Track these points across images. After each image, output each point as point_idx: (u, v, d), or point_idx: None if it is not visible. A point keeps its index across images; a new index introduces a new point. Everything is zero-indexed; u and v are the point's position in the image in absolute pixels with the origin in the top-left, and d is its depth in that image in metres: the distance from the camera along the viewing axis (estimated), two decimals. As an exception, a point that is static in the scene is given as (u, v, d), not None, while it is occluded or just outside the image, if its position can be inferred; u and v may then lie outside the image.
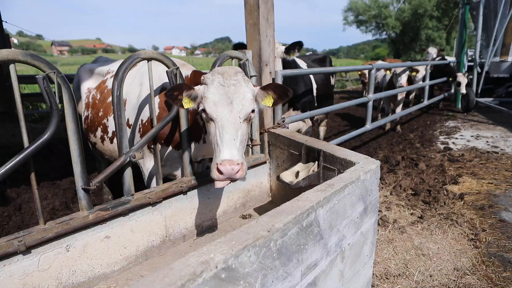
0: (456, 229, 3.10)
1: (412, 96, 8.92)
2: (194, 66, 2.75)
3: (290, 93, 2.02)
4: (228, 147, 1.79)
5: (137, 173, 2.69)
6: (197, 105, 1.99)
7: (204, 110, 1.92)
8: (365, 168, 1.97)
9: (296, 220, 1.38)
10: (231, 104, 1.87)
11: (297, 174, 2.48)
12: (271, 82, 3.19)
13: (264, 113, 3.11)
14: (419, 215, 3.37)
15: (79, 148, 1.88)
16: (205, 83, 1.95)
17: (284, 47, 3.77)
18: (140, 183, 2.84)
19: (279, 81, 3.23)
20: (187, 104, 1.98)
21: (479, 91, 9.82)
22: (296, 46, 3.71)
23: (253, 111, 1.96)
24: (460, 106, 9.82)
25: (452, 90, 10.04)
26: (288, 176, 2.48)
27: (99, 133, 3.05)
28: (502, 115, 8.54)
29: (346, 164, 2.18)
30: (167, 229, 2.43)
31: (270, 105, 2.08)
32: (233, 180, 1.81)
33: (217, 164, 1.76)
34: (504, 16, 9.14)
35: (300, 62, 4.66)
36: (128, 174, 2.14)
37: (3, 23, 8.47)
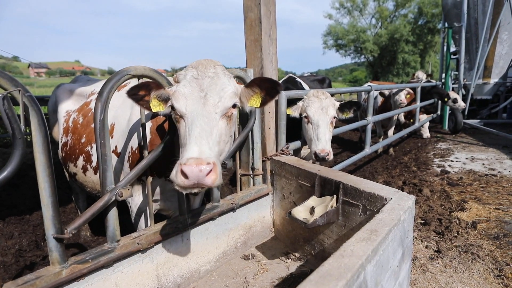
0: (480, 264, 2.81)
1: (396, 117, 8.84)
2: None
3: (279, 88, 1.70)
4: (197, 142, 1.40)
5: (122, 205, 2.29)
6: (168, 109, 1.66)
7: (172, 107, 1.58)
8: (402, 206, 1.66)
9: (348, 286, 1.03)
10: (204, 97, 1.54)
11: (311, 209, 2.14)
12: (274, 104, 2.89)
13: (267, 139, 2.79)
14: (435, 248, 3.07)
15: (51, 186, 1.49)
16: (178, 81, 1.64)
17: (338, 103, 3.32)
18: (126, 215, 2.43)
19: (283, 103, 2.92)
20: (156, 107, 1.65)
21: (465, 112, 9.90)
22: (353, 107, 3.31)
23: (234, 106, 1.64)
24: (447, 127, 9.82)
25: (439, 112, 10.09)
26: (301, 212, 2.13)
27: (80, 162, 2.63)
28: (489, 136, 8.53)
29: (374, 200, 1.86)
30: (159, 279, 2.01)
31: (258, 106, 1.75)
32: (202, 186, 1.35)
33: (181, 164, 1.32)
34: (486, 40, 9.35)
35: (302, 83, 4.38)
36: (112, 216, 1.73)
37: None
